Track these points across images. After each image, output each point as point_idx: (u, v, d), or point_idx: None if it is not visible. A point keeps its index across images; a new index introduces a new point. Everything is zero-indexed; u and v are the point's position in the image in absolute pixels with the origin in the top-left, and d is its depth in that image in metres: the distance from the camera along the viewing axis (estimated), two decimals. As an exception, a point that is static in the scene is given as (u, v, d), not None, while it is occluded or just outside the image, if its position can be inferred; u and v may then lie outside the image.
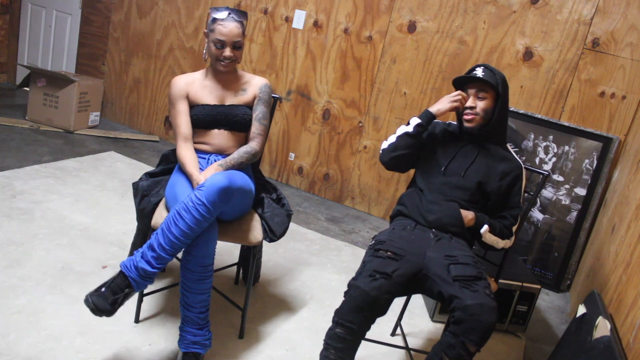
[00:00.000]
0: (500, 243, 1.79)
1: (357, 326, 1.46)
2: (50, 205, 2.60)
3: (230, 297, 2.13)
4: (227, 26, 1.82)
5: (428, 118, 1.82)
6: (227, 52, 1.84)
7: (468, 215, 1.75)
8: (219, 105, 1.91)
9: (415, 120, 1.82)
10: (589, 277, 2.53)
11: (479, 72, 1.78)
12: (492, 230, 1.76)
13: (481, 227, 1.75)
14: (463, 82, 1.83)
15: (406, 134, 1.82)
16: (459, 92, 1.80)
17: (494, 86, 1.77)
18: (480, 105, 1.78)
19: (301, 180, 3.80)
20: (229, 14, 1.84)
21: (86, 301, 1.50)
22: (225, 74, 1.94)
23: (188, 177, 1.79)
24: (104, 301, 1.49)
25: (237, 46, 1.86)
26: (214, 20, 1.84)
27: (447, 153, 1.84)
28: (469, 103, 1.79)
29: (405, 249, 1.61)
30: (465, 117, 1.79)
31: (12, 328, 1.70)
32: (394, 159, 1.84)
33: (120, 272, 1.55)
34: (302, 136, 3.72)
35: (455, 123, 1.92)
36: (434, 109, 1.81)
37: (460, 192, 1.78)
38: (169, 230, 1.55)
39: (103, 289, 1.52)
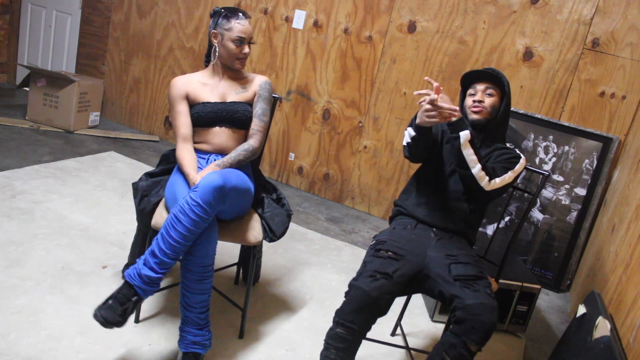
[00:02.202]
0: (478, 170, 1.64)
1: (358, 326, 1.46)
2: (50, 205, 2.60)
3: (230, 297, 2.13)
4: (245, 24, 1.87)
5: (418, 130, 1.68)
6: (246, 48, 1.89)
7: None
8: (220, 102, 1.91)
9: (410, 133, 1.74)
10: (589, 277, 2.53)
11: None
12: (473, 147, 1.63)
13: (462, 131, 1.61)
14: (472, 80, 1.84)
15: (409, 144, 1.76)
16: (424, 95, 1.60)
17: (501, 85, 1.79)
18: (488, 101, 1.79)
19: (301, 180, 3.80)
20: (241, 13, 1.89)
21: (95, 316, 1.50)
22: (228, 72, 1.95)
23: (186, 178, 1.79)
24: (113, 313, 1.49)
25: (251, 43, 1.92)
26: (228, 19, 1.85)
27: (450, 150, 1.84)
28: (478, 97, 1.78)
29: (406, 248, 1.61)
30: (473, 109, 1.79)
31: (12, 328, 1.70)
32: (414, 156, 1.81)
33: (125, 282, 1.55)
34: (302, 136, 3.72)
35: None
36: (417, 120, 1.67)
37: (461, 184, 1.78)
38: (168, 235, 1.55)
39: (110, 302, 1.51)
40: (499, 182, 1.68)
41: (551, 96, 3.03)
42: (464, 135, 1.62)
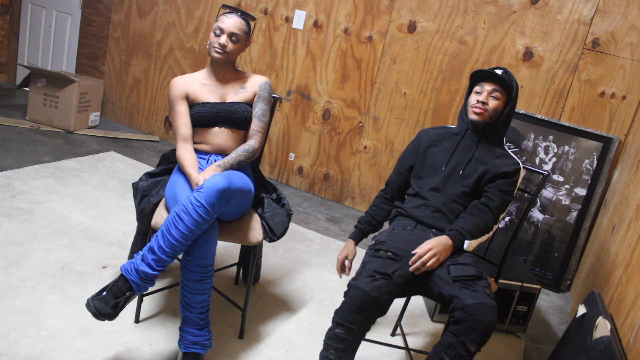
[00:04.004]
0: (483, 239, 1.73)
1: (357, 326, 1.46)
2: (50, 205, 2.60)
3: (230, 297, 2.13)
4: (230, 17, 1.88)
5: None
6: (222, 39, 1.86)
7: (445, 242, 1.62)
8: (219, 102, 1.91)
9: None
10: (589, 277, 2.53)
11: (499, 72, 1.78)
12: (473, 237, 1.68)
13: (462, 244, 1.66)
14: (481, 77, 1.81)
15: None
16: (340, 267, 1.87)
17: (509, 90, 1.76)
18: (492, 104, 1.76)
19: (301, 181, 3.80)
20: (238, 12, 1.91)
21: (88, 305, 1.50)
22: (224, 71, 1.94)
23: (187, 178, 1.79)
24: (106, 305, 1.49)
25: (234, 39, 1.88)
26: (223, 14, 1.91)
27: (444, 153, 1.84)
28: (483, 98, 1.76)
29: (405, 249, 1.61)
30: (474, 109, 1.77)
31: (12, 328, 1.70)
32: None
33: (121, 275, 1.55)
34: (302, 136, 3.72)
35: (454, 126, 1.91)
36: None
37: (461, 186, 1.78)
38: (168, 233, 1.55)
39: (104, 293, 1.51)
40: (499, 217, 1.76)
41: (551, 96, 3.03)
42: (467, 245, 1.66)
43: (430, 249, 1.58)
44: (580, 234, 2.96)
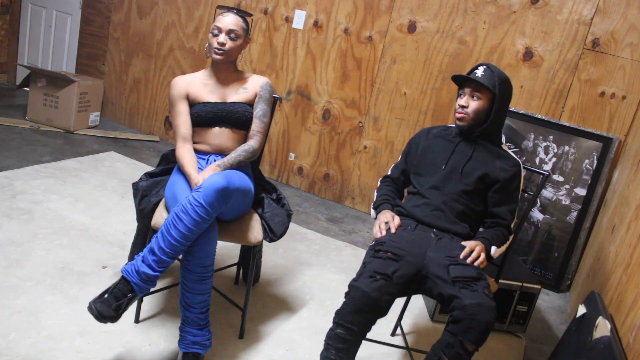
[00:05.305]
0: (504, 247, 1.78)
1: (358, 327, 1.46)
2: (50, 205, 2.60)
3: (230, 297, 2.13)
4: (226, 16, 1.88)
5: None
6: (221, 38, 1.85)
7: (480, 243, 1.68)
8: (220, 102, 1.91)
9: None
10: (589, 277, 2.53)
11: (480, 71, 1.77)
12: (497, 244, 1.74)
13: (489, 250, 1.71)
14: (462, 80, 1.82)
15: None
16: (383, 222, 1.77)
17: (490, 88, 1.75)
18: (473, 105, 1.77)
19: (301, 181, 3.80)
20: (233, 10, 1.91)
21: (90, 308, 1.50)
22: (225, 71, 1.94)
23: (187, 178, 1.79)
24: (108, 307, 1.50)
25: (232, 36, 1.87)
26: (220, 14, 1.91)
27: (444, 152, 1.85)
28: (462, 102, 1.79)
29: (406, 249, 1.61)
30: (457, 114, 1.82)
31: (12, 328, 1.70)
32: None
33: (122, 277, 1.55)
34: (302, 136, 3.72)
35: (454, 125, 1.92)
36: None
37: (461, 184, 1.78)
38: (168, 233, 1.55)
39: (106, 295, 1.51)
40: (512, 226, 1.81)
41: (551, 96, 3.03)
42: (494, 251, 1.71)
43: (476, 245, 1.65)
44: (580, 234, 2.96)
